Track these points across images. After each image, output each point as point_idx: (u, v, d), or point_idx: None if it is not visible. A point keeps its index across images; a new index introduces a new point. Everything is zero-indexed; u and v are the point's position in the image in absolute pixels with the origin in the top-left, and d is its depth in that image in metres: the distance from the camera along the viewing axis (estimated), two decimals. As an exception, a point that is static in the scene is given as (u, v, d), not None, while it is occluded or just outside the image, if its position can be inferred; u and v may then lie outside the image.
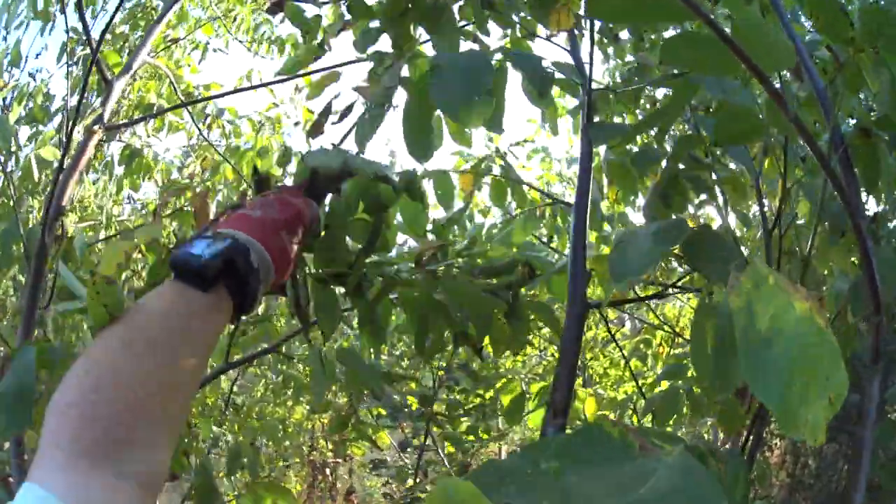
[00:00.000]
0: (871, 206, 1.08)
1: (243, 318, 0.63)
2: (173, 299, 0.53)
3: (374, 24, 0.99)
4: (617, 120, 1.28)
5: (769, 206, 1.08)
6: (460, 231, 1.20)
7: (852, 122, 0.99)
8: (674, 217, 0.86)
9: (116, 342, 0.49)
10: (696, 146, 0.86)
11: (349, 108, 0.94)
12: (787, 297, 0.40)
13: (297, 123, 2.64)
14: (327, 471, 2.82)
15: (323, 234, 0.77)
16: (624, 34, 1.36)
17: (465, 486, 0.41)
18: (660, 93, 1.32)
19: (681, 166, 0.92)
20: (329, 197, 0.77)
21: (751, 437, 0.90)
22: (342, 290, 0.86)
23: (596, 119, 0.89)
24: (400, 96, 0.85)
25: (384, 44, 0.99)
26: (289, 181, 0.83)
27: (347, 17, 1.03)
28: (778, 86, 0.80)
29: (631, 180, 1.13)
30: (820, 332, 0.39)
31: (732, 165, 1.08)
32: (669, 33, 1.15)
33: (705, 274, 0.72)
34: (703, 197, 0.91)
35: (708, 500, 0.32)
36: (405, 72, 0.84)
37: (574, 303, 0.60)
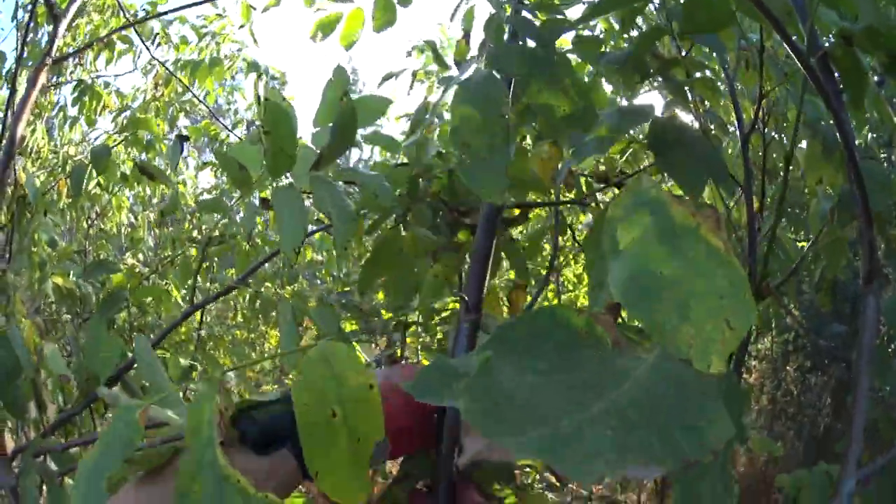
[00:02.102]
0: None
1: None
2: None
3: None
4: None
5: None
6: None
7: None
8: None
9: None
10: (660, 37, 0.78)
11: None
12: (667, 207, 0.36)
13: (241, 27, 2.56)
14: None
15: None
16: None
17: (340, 348, 0.42)
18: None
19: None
20: None
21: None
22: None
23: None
24: None
25: None
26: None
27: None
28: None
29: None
30: (705, 244, 0.34)
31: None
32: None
33: (676, 177, 0.65)
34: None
35: (704, 409, 0.27)
36: None
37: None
